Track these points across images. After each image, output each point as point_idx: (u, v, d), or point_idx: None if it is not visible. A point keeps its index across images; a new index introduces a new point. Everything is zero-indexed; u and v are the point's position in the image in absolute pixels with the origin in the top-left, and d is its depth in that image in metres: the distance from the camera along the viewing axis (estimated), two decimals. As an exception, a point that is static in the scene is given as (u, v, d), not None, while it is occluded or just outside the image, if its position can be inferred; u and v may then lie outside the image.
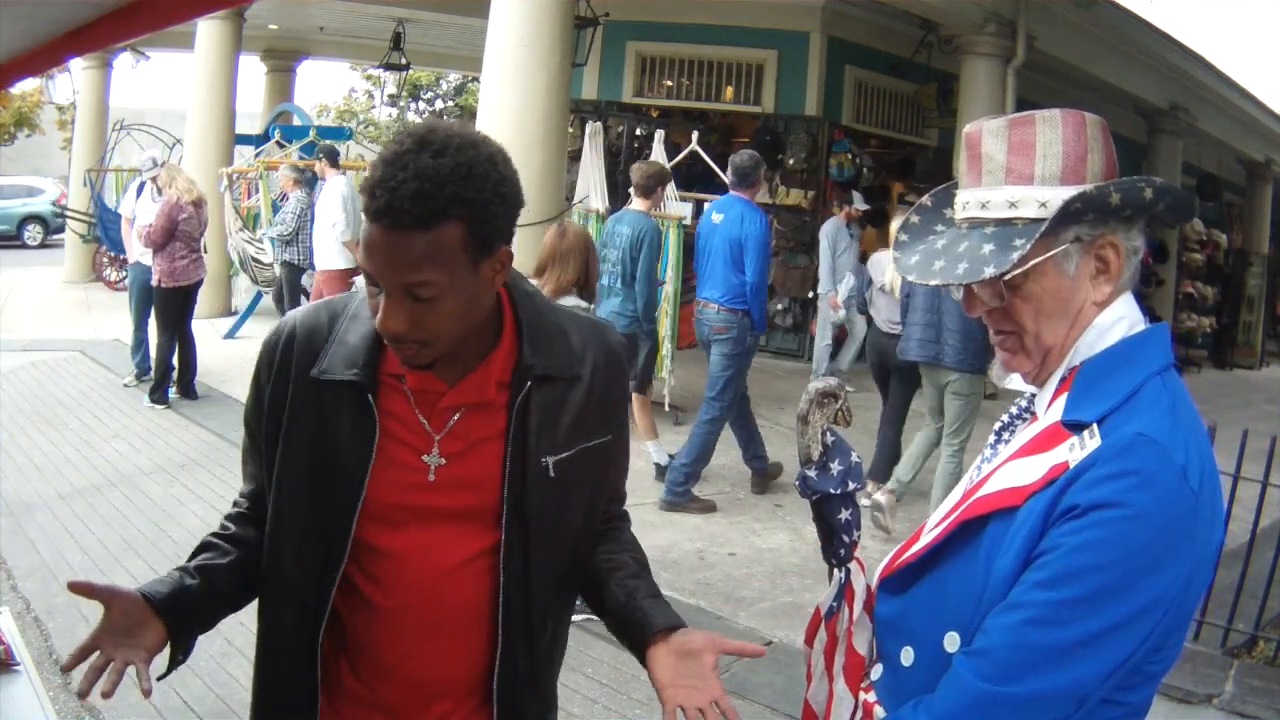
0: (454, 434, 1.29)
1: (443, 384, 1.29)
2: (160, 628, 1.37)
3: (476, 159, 1.16)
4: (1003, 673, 1.02)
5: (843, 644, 1.31)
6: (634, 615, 1.34)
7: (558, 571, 1.37)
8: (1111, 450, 1.03)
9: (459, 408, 1.29)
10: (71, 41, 1.63)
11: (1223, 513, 1.10)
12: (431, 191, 1.12)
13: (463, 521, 1.31)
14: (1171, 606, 1.02)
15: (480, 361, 1.30)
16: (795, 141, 9.50)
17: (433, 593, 1.30)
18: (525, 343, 1.31)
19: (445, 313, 1.18)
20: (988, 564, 1.09)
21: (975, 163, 1.16)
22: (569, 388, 1.33)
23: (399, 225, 1.12)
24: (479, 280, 1.20)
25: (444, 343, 1.22)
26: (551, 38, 6.21)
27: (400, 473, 1.29)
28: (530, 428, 1.30)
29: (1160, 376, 1.10)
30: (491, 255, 1.20)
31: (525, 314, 1.33)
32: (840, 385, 1.33)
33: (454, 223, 1.14)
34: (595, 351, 1.37)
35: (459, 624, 1.32)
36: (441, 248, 1.14)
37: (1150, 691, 1.11)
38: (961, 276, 1.11)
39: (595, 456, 1.36)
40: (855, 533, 1.34)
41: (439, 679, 1.34)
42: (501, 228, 1.20)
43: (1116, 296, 1.14)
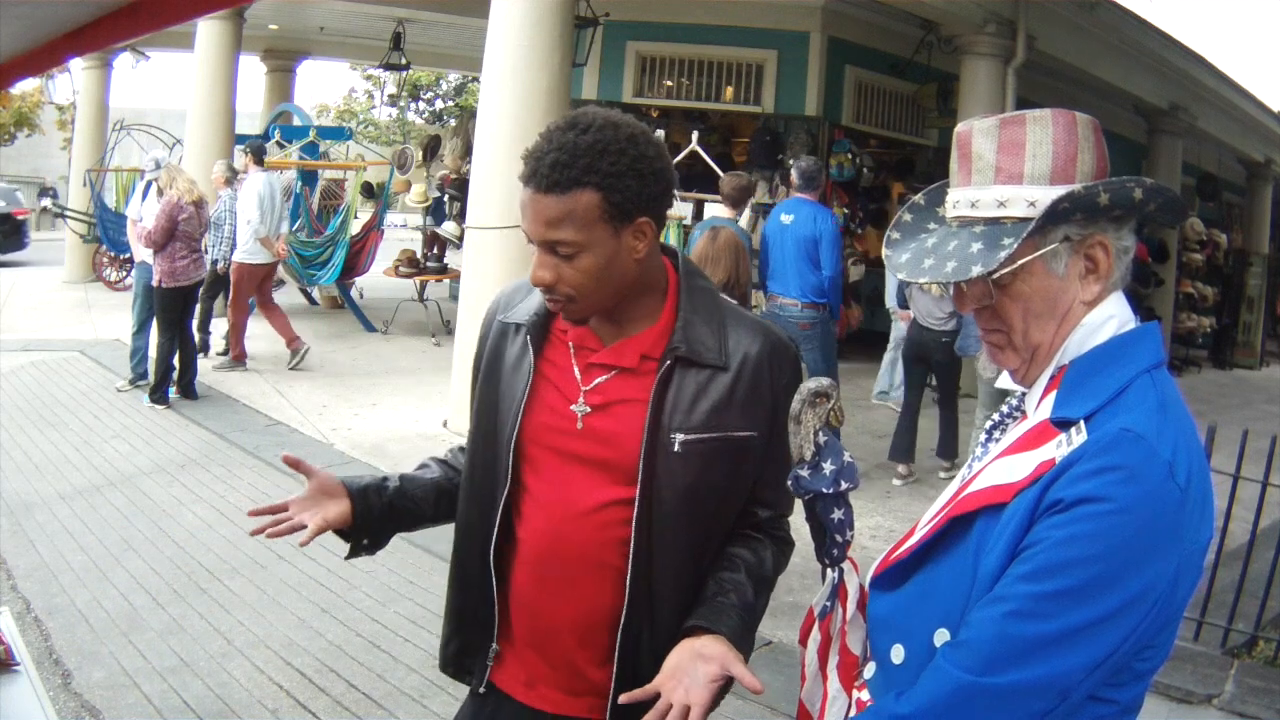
0: (599, 390, 1.45)
1: (599, 343, 1.46)
2: (346, 507, 1.55)
3: (615, 138, 1.34)
4: (983, 664, 1.02)
5: (836, 643, 1.31)
6: (698, 607, 1.43)
7: (680, 544, 1.44)
8: (1097, 445, 1.03)
9: (610, 369, 1.45)
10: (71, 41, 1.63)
11: (1213, 510, 1.10)
12: (568, 162, 1.32)
13: (599, 472, 1.44)
14: (1158, 602, 1.02)
15: (637, 332, 1.45)
16: (795, 141, 9.49)
17: (562, 532, 1.44)
18: (679, 324, 1.44)
19: (584, 269, 1.36)
20: (976, 560, 1.09)
21: (965, 162, 1.16)
22: (713, 375, 1.43)
23: (539, 189, 1.34)
24: (620, 245, 1.37)
25: (586, 299, 1.39)
26: (551, 38, 6.21)
27: (551, 415, 1.46)
28: (666, 402, 1.42)
29: (1150, 374, 1.10)
30: (630, 224, 1.37)
31: (687, 299, 1.47)
32: (833, 385, 1.33)
33: (589, 190, 1.32)
34: (751, 348, 1.46)
35: (583, 567, 1.44)
36: (577, 211, 1.33)
37: (1141, 689, 1.10)
38: (949, 275, 1.11)
39: (734, 449, 1.44)
40: (848, 532, 1.35)
41: (561, 617, 1.46)
42: (637, 200, 1.35)
43: (1106, 296, 1.14)
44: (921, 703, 1.05)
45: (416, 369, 8.45)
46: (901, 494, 5.93)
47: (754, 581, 1.47)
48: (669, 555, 1.44)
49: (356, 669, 3.52)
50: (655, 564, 1.43)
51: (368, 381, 7.88)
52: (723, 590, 1.44)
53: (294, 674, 3.47)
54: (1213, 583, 3.91)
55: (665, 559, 1.44)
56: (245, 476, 5.54)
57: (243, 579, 4.22)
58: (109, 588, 4.08)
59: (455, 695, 3.35)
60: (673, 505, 1.42)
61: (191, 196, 6.95)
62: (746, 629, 1.42)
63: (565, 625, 1.47)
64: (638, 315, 1.46)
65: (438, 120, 28.77)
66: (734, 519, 1.51)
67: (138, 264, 7.41)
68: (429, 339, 9.67)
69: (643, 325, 1.46)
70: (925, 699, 1.05)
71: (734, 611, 1.41)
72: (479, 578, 1.52)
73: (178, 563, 4.34)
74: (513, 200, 6.40)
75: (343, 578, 4.27)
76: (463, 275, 6.77)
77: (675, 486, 1.42)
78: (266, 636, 3.73)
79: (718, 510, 1.48)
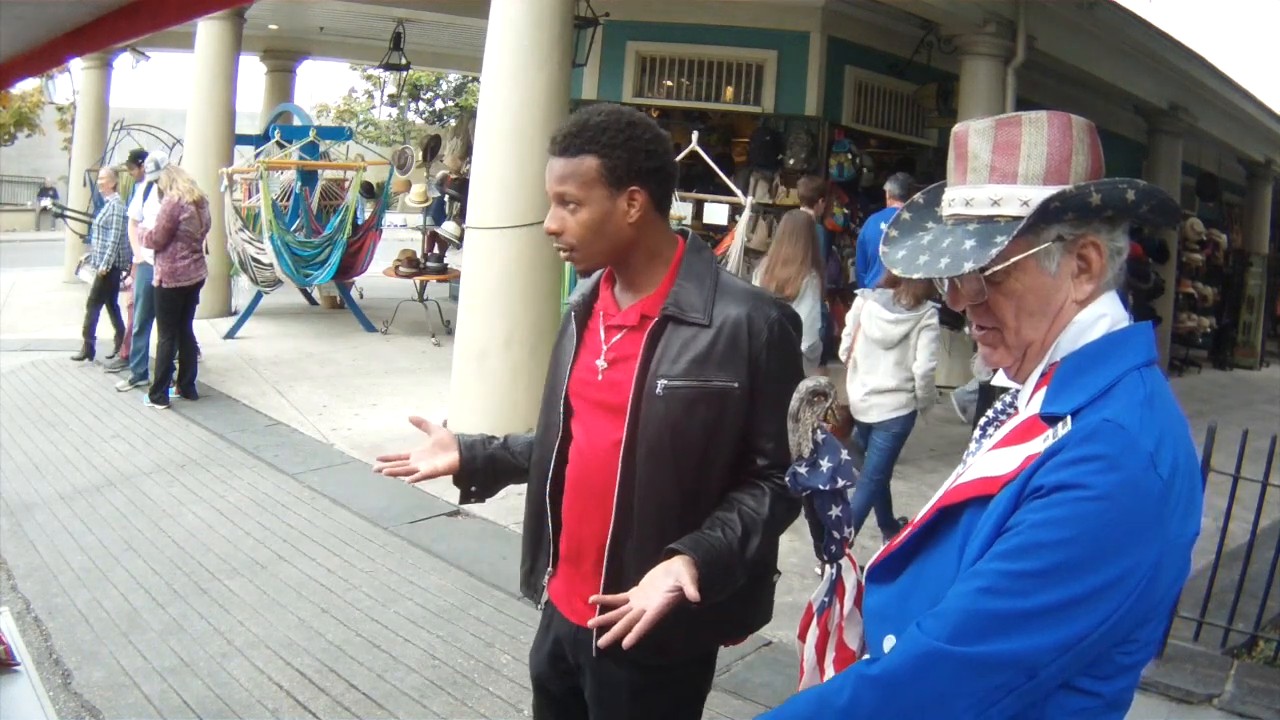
0: (614, 347, 1.74)
1: (617, 309, 1.77)
2: (455, 457, 1.87)
3: (618, 121, 1.67)
4: (952, 633, 1.03)
5: (834, 638, 1.33)
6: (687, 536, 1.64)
7: (664, 477, 1.67)
8: (1079, 435, 1.05)
9: (621, 329, 1.74)
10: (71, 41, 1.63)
11: (1200, 505, 1.10)
12: (576, 133, 1.66)
13: (610, 415, 1.72)
14: (1135, 592, 1.02)
15: (643, 297, 1.74)
16: (795, 141, 9.48)
17: (586, 466, 1.74)
18: (674, 289, 1.71)
19: (582, 222, 1.67)
20: (963, 549, 1.11)
21: (961, 161, 1.18)
22: (697, 331, 1.68)
23: (555, 153, 1.68)
24: (614, 207, 1.67)
25: (584, 248, 1.69)
26: (551, 38, 6.21)
27: (584, 372, 1.77)
28: (655, 353, 1.68)
29: (1139, 371, 1.11)
30: (623, 190, 1.66)
31: (685, 269, 1.73)
32: (830, 384, 1.35)
33: (590, 156, 1.65)
34: (733, 310, 1.68)
35: (596, 495, 1.72)
36: (580, 171, 1.65)
37: (1127, 684, 1.11)
38: (943, 271, 1.13)
39: (713, 396, 1.66)
40: (846, 529, 1.36)
41: (585, 539, 1.75)
42: (629, 170, 1.66)
43: (1098, 295, 1.16)
44: (890, 664, 1.07)
45: (416, 369, 8.45)
46: (902, 494, 5.93)
47: (745, 520, 1.65)
48: (651, 485, 1.68)
49: (356, 669, 3.52)
50: (638, 492, 1.68)
51: (368, 381, 7.88)
52: (712, 524, 1.65)
53: (294, 674, 3.47)
54: (1213, 583, 3.90)
55: (647, 488, 1.68)
56: (245, 476, 5.54)
57: (243, 579, 4.22)
58: (109, 588, 4.08)
59: (455, 695, 3.36)
60: (656, 441, 1.67)
61: (192, 197, 6.95)
62: (723, 556, 1.60)
63: (587, 546, 1.75)
64: (645, 283, 1.75)
65: (438, 120, 28.77)
66: (729, 465, 1.70)
67: (139, 264, 7.41)
68: (429, 339, 9.67)
69: (648, 290, 1.75)
70: (894, 661, 1.07)
71: (712, 540, 1.60)
72: (540, 510, 1.83)
73: (178, 563, 4.34)
74: (513, 200, 6.43)
75: (343, 578, 4.27)
76: (463, 275, 6.77)
77: (658, 425, 1.66)
78: (266, 636, 3.73)
79: (704, 452, 1.68)
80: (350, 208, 9.70)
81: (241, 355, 8.61)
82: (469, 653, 3.66)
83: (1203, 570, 3.96)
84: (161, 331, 6.92)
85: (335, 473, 5.64)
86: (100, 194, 7.59)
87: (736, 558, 1.61)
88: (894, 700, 1.05)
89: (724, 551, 1.59)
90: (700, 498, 1.69)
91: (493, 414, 6.31)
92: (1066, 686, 1.07)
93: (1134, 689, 1.13)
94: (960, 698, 1.03)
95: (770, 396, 1.65)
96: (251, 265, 9.12)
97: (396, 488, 5.35)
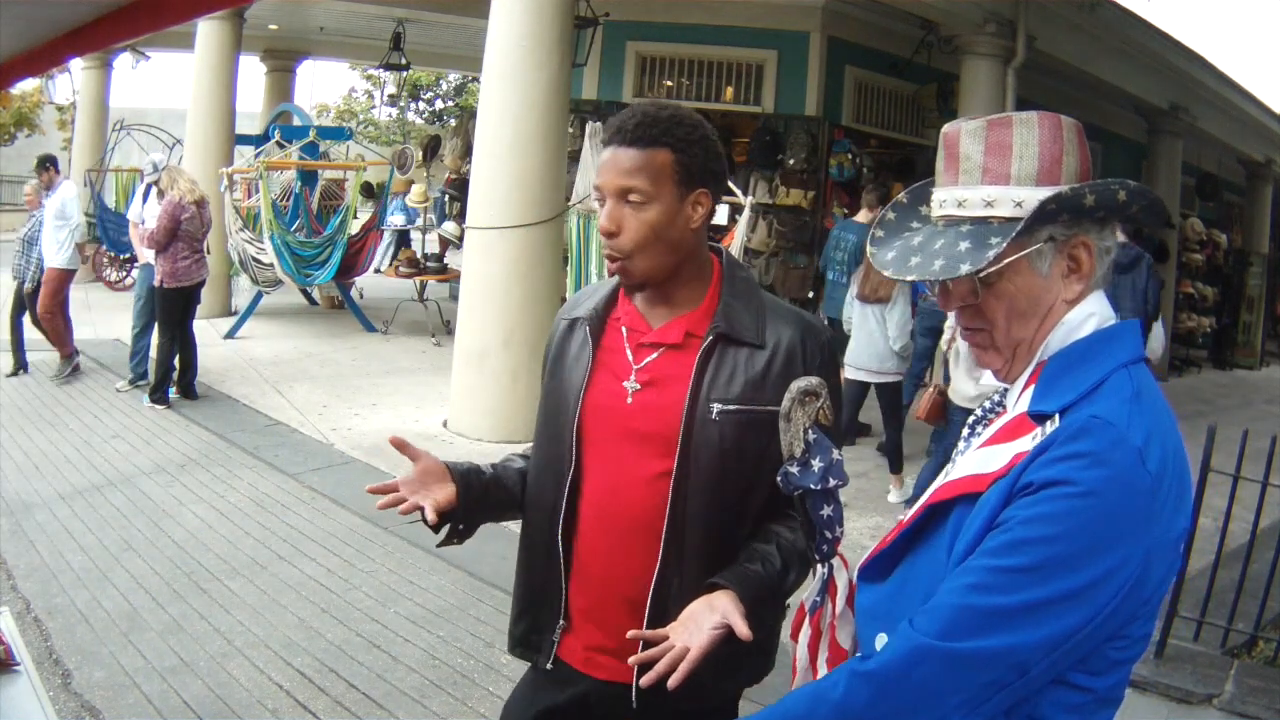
0: (649, 368, 1.59)
1: (649, 326, 1.61)
2: (452, 491, 1.62)
3: (688, 115, 1.55)
4: (942, 629, 1.04)
5: (826, 637, 1.34)
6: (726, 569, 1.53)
7: (713, 508, 1.55)
8: (1066, 432, 1.06)
9: (658, 347, 1.59)
10: (71, 41, 1.63)
11: (1190, 502, 1.11)
12: (650, 123, 1.51)
13: (647, 444, 1.57)
14: (1125, 587, 1.03)
15: (684, 313, 1.60)
16: (795, 142, 9.49)
17: (616, 503, 1.58)
18: (721, 306, 1.59)
19: (647, 221, 1.51)
20: (952, 547, 1.11)
21: (953, 162, 1.18)
22: (752, 353, 1.56)
23: (623, 143, 1.52)
24: (681, 209, 1.53)
25: (643, 254, 1.53)
26: (551, 38, 6.21)
27: (606, 396, 1.60)
28: (706, 374, 1.55)
29: (1127, 369, 1.12)
30: (692, 191, 1.54)
31: (729, 285, 1.62)
32: (821, 383, 1.35)
33: (665, 149, 1.51)
34: (786, 331, 1.59)
35: (633, 535, 1.57)
36: (653, 164, 1.51)
37: (1119, 678, 1.11)
38: (938, 273, 1.13)
39: (767, 422, 1.48)
40: (838, 529, 1.37)
41: (616, 585, 1.59)
42: (702, 169, 1.54)
43: (1088, 294, 1.16)
44: (882, 660, 1.07)
45: (416, 369, 8.45)
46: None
47: (783, 553, 1.54)
48: (701, 518, 1.54)
49: (356, 669, 3.52)
50: (688, 526, 1.54)
51: (368, 381, 7.88)
52: (751, 557, 1.53)
53: (294, 674, 3.47)
54: (1213, 583, 3.90)
55: (698, 521, 1.54)
56: (245, 476, 5.54)
57: (243, 579, 4.22)
58: (109, 588, 4.08)
59: (455, 695, 3.36)
60: (708, 470, 1.53)
61: (193, 197, 6.95)
62: (765, 591, 1.50)
63: (619, 592, 1.59)
64: (685, 298, 1.61)
65: (438, 120, 28.78)
66: (769, 495, 1.57)
67: (141, 265, 7.41)
68: (429, 339, 9.67)
69: (689, 307, 1.60)
70: (885, 657, 1.07)
71: (754, 575, 1.50)
72: (548, 555, 1.64)
73: (178, 563, 4.34)
74: (513, 200, 6.42)
75: (343, 578, 4.27)
76: (463, 275, 6.77)
77: (711, 453, 1.53)
78: (266, 636, 3.73)
79: (751, 481, 1.56)
80: (350, 208, 9.70)
81: (241, 355, 8.61)
82: (469, 653, 3.67)
83: (1203, 570, 3.96)
84: (162, 332, 6.92)
85: (335, 473, 5.64)
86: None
87: (777, 592, 1.53)
88: (886, 695, 1.05)
89: (766, 585, 1.50)
90: (742, 526, 1.59)
91: (492, 414, 6.32)
92: (1059, 681, 1.07)
93: (1126, 684, 1.14)
94: (951, 693, 1.03)
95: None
96: (252, 265, 9.12)
97: (396, 488, 5.35)
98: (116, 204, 12.24)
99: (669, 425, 1.55)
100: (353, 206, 9.75)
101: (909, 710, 1.04)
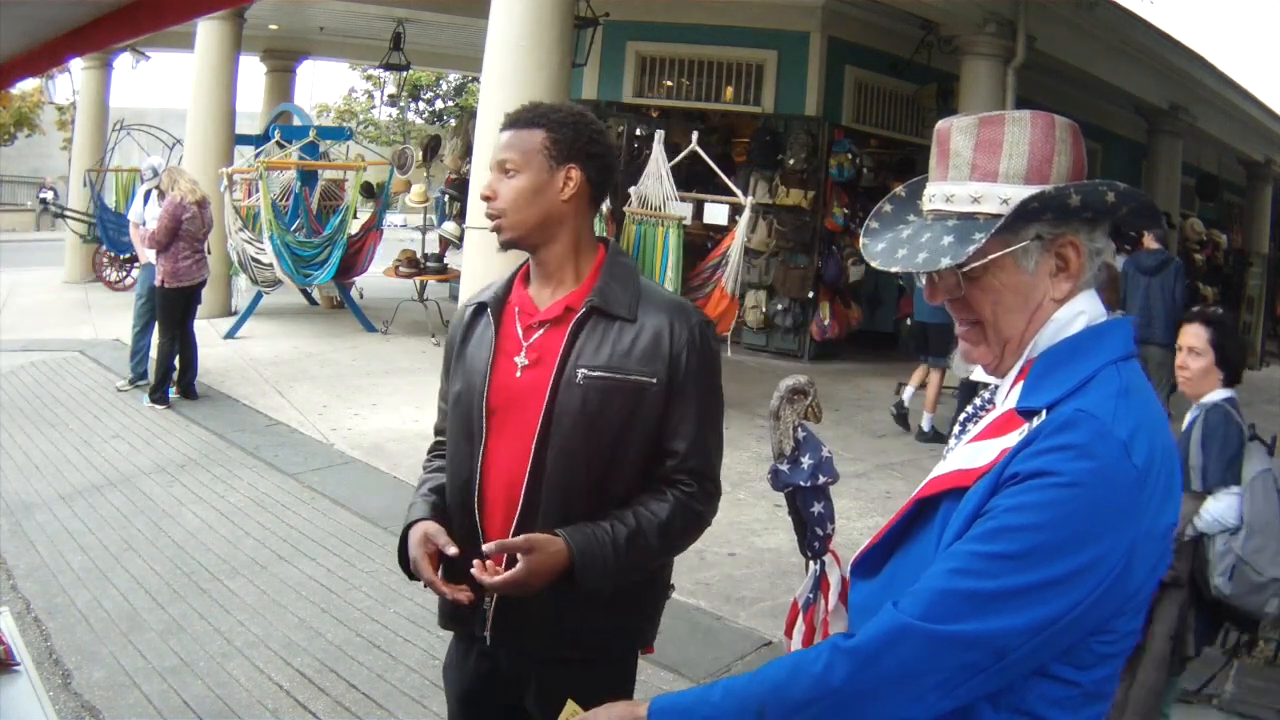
0: (534, 345, 1.72)
1: (536, 307, 1.75)
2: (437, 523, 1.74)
3: (569, 108, 1.76)
4: (923, 610, 1.05)
5: (819, 633, 1.34)
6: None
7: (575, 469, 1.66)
8: (1052, 425, 1.07)
9: (543, 325, 1.73)
10: (71, 41, 1.63)
11: (1178, 496, 1.12)
12: (530, 109, 1.74)
13: (529, 413, 1.69)
14: (1108, 579, 1.04)
15: (566, 293, 1.74)
16: (795, 142, 9.50)
17: (503, 467, 1.70)
18: (599, 284, 1.73)
19: (517, 188, 1.69)
20: (940, 541, 1.12)
21: (944, 158, 1.20)
22: (622, 326, 1.69)
23: (506, 126, 1.74)
24: (550, 180, 1.70)
25: (514, 216, 1.70)
26: (551, 38, 6.21)
27: (503, 374, 1.73)
28: (578, 343, 1.68)
29: (1115, 365, 1.13)
30: (562, 166, 1.70)
31: (609, 268, 1.76)
32: (810, 382, 1.36)
33: (538, 129, 1.70)
34: (657, 309, 1.72)
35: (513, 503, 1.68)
36: (525, 140, 1.70)
37: (1107, 673, 1.12)
38: (920, 265, 1.15)
39: (631, 390, 1.66)
40: (829, 526, 1.37)
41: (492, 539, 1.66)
42: (571, 148, 1.70)
43: (1076, 293, 1.17)
44: (864, 638, 1.09)
45: (416, 369, 8.45)
46: (902, 495, 5.93)
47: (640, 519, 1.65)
48: (560, 483, 1.66)
49: (356, 669, 3.52)
50: (545, 487, 1.66)
51: (368, 381, 7.88)
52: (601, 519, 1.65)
53: (294, 674, 3.47)
54: (1213, 583, 3.90)
55: (556, 486, 1.66)
56: (245, 476, 5.54)
57: (243, 579, 4.22)
58: (109, 588, 4.08)
59: (455, 695, 3.36)
60: (570, 431, 1.65)
61: (194, 197, 6.96)
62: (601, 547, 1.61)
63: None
64: (567, 278, 1.76)
65: (438, 120, 28.78)
66: (639, 464, 1.69)
67: (142, 265, 7.41)
68: (429, 339, 9.67)
69: (571, 286, 1.75)
70: (868, 634, 1.09)
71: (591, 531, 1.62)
72: (467, 527, 1.73)
73: (178, 563, 4.34)
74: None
75: (343, 578, 4.27)
76: (463, 275, 6.77)
77: (574, 415, 1.65)
78: (266, 636, 3.73)
79: (615, 446, 1.67)
80: (350, 208, 9.70)
81: (241, 355, 8.61)
82: (469, 653, 3.66)
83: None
84: (162, 332, 6.92)
85: (335, 473, 5.64)
86: None
87: (617, 551, 1.62)
88: (865, 671, 1.07)
89: (603, 542, 1.61)
90: (606, 495, 1.68)
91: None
92: (1045, 675, 1.08)
93: (1114, 680, 1.14)
94: (929, 674, 1.05)
95: (687, 397, 1.68)
96: (251, 265, 9.12)
97: (396, 488, 5.35)
98: (116, 204, 12.22)
99: (543, 395, 1.68)
100: (352, 206, 9.75)
101: (887, 687, 1.06)
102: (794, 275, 9.68)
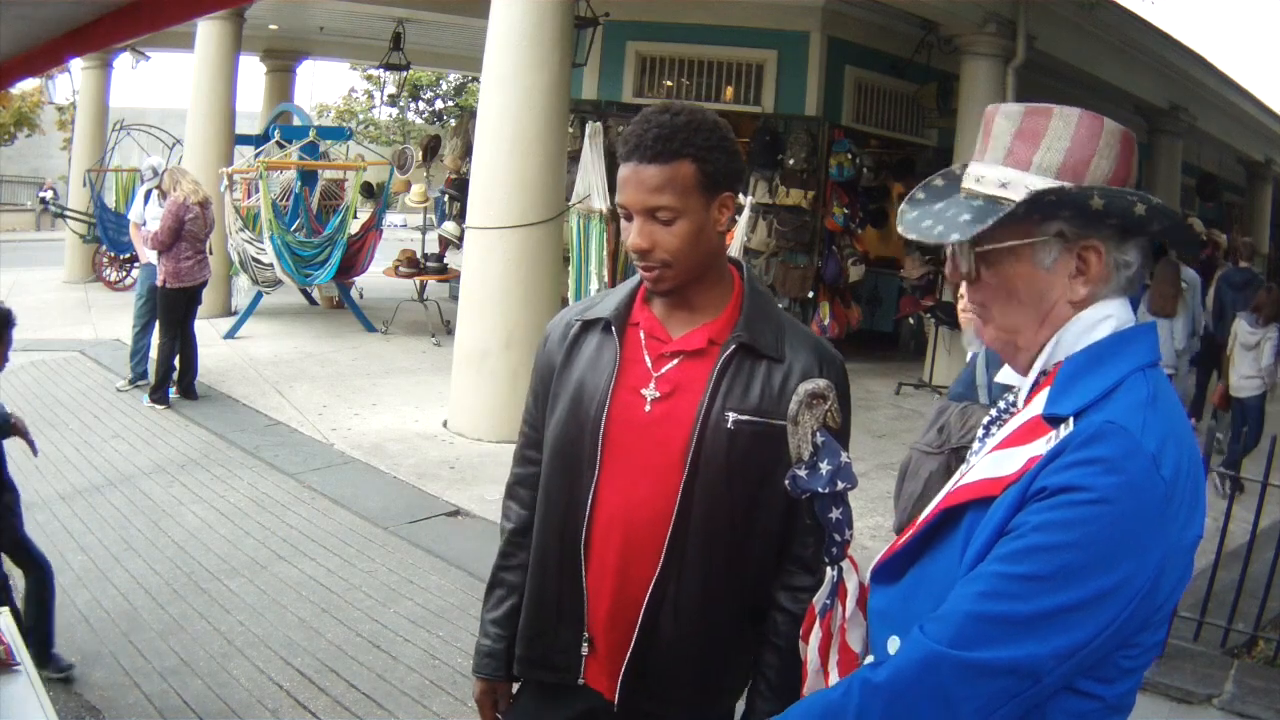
0: (668, 376, 1.56)
1: (667, 332, 1.58)
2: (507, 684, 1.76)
3: (704, 119, 1.50)
4: (953, 637, 1.02)
5: (836, 640, 1.33)
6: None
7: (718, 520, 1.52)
8: (1080, 437, 1.04)
9: (677, 355, 1.56)
10: (71, 41, 1.64)
11: (1203, 508, 1.09)
12: (669, 136, 1.46)
13: (662, 453, 1.53)
14: (1137, 596, 1.01)
15: (706, 321, 1.58)
16: (795, 141, 9.48)
17: (617, 506, 1.54)
18: (744, 318, 1.57)
19: (679, 234, 1.49)
20: (965, 551, 1.10)
21: (986, 139, 1.19)
22: (771, 365, 1.55)
23: (643, 160, 1.47)
24: (708, 216, 1.51)
25: (680, 264, 1.51)
26: (551, 38, 6.21)
27: (623, 402, 1.56)
28: (724, 383, 1.53)
29: (1143, 373, 1.10)
30: (717, 196, 1.51)
31: (750, 298, 1.60)
32: (829, 386, 1.34)
33: (687, 161, 1.47)
34: (803, 349, 1.58)
35: (640, 546, 1.54)
36: (677, 179, 1.47)
37: (1130, 686, 1.10)
38: (934, 236, 1.15)
39: (780, 438, 1.42)
40: (847, 531, 1.36)
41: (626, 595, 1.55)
42: (725, 173, 1.51)
43: (1095, 300, 1.14)
44: (894, 668, 1.06)
45: (416, 369, 8.45)
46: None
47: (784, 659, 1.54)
48: (704, 529, 1.52)
49: (356, 669, 3.52)
50: (690, 535, 1.52)
51: (368, 381, 7.88)
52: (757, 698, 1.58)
53: (294, 674, 3.47)
54: (1213, 583, 3.90)
55: (700, 532, 1.52)
56: (245, 476, 5.54)
57: (243, 579, 4.22)
58: (109, 588, 4.08)
59: (455, 695, 3.35)
60: (717, 479, 1.51)
61: (197, 197, 6.95)
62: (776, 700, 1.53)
63: (629, 603, 1.55)
64: (706, 305, 1.59)
65: (438, 120, 28.78)
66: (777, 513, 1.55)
67: (142, 265, 7.41)
68: (429, 339, 9.67)
69: (710, 315, 1.58)
70: (898, 665, 1.06)
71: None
72: (568, 567, 1.58)
73: (177, 563, 4.34)
74: (513, 200, 6.40)
75: (343, 578, 4.27)
76: (463, 275, 6.77)
77: (721, 462, 1.51)
78: (266, 636, 3.73)
79: (757, 497, 1.54)
80: (351, 208, 9.70)
81: (241, 355, 8.61)
82: (469, 653, 3.64)
83: (1203, 570, 3.96)
84: (163, 332, 6.92)
85: (335, 473, 5.64)
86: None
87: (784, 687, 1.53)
88: (899, 705, 1.05)
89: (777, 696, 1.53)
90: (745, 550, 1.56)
91: (492, 414, 6.32)
92: (1069, 689, 1.06)
93: (1136, 692, 1.12)
94: (964, 701, 1.02)
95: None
96: (251, 265, 9.12)
97: (396, 488, 5.36)
98: (116, 204, 12.22)
99: (685, 433, 1.52)
100: (352, 206, 9.75)
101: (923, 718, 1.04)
102: (794, 275, 9.67)
